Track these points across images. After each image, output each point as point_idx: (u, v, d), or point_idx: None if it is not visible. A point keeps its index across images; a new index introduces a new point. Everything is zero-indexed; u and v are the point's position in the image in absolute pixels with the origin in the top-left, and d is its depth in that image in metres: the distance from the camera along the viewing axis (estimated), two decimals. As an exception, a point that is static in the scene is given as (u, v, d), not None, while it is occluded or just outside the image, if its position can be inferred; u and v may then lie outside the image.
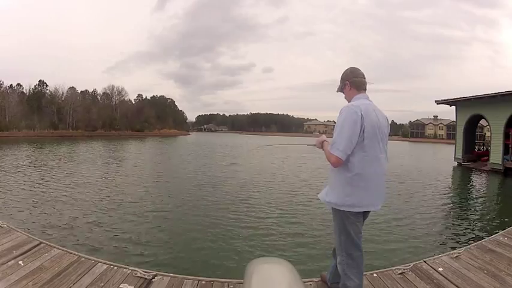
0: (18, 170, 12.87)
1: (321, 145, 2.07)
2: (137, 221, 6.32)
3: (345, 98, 2.12)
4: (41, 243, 2.89)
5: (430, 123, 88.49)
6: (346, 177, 1.92)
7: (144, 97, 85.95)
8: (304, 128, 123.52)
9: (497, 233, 3.64)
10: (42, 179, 10.92)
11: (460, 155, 19.71)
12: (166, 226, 6.11)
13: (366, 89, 2.06)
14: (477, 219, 7.31)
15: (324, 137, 2.11)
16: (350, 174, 1.90)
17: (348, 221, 1.95)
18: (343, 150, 1.85)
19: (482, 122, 21.61)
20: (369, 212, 2.04)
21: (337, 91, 2.17)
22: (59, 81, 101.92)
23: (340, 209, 1.95)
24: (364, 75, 2.07)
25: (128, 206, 7.49)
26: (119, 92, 72.78)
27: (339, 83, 2.15)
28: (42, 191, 8.82)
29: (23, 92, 59.67)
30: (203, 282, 2.45)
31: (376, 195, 1.97)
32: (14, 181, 10.30)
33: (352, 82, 2.04)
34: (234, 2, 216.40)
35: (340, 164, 1.89)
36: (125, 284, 2.32)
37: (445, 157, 24.24)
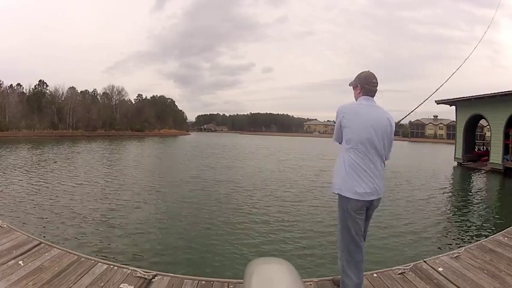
0: (18, 170, 12.88)
1: None
2: (137, 221, 6.32)
3: (354, 96, 2.27)
4: (41, 243, 2.89)
5: (430, 123, 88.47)
6: (338, 166, 2.12)
7: (144, 97, 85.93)
8: (304, 128, 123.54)
9: (497, 233, 3.64)
10: (42, 179, 10.91)
11: (460, 155, 19.70)
12: (167, 226, 6.10)
13: (373, 96, 2.18)
14: (477, 219, 7.31)
15: None
16: (340, 162, 2.11)
17: (350, 217, 2.04)
18: (334, 140, 2.23)
19: (482, 122, 21.61)
20: (371, 209, 2.13)
21: (350, 85, 2.30)
22: (59, 81, 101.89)
23: (336, 192, 2.09)
24: (376, 84, 2.18)
25: (128, 206, 7.49)
26: (119, 92, 72.87)
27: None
28: (42, 191, 8.82)
29: (23, 92, 59.67)
30: (203, 282, 2.45)
31: (368, 187, 2.03)
32: (13, 181, 10.30)
33: (363, 87, 2.17)
34: (233, 1, 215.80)
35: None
36: (125, 284, 2.32)
37: (445, 157, 24.25)
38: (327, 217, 6.73)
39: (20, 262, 2.49)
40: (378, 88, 2.19)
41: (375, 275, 2.55)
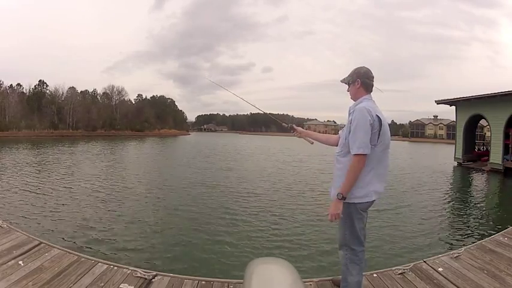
0: (18, 170, 12.87)
1: (341, 197, 1.97)
2: (137, 221, 6.32)
3: (350, 92, 2.17)
4: (41, 243, 2.89)
5: (430, 123, 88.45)
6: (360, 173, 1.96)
7: (144, 97, 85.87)
8: (304, 128, 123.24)
9: (497, 233, 3.64)
10: (42, 179, 10.91)
11: (460, 155, 19.69)
12: (167, 226, 6.10)
13: (371, 91, 2.13)
14: (477, 219, 7.31)
15: (334, 205, 2.01)
16: (364, 168, 1.95)
17: (358, 217, 2.02)
18: (366, 150, 1.92)
19: (482, 122, 21.60)
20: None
21: (343, 82, 2.20)
22: (59, 81, 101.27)
23: (352, 201, 1.99)
24: (373, 79, 2.13)
25: (127, 206, 7.49)
26: (119, 92, 72.81)
27: (340, 82, 2.22)
28: (42, 191, 8.82)
29: (23, 92, 59.61)
30: (203, 282, 2.45)
31: (382, 187, 2.07)
32: (13, 181, 10.29)
33: (364, 82, 2.10)
34: (233, 0, 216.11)
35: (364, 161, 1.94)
36: (125, 284, 2.32)
37: (445, 157, 24.23)
38: (326, 217, 6.72)
39: (20, 262, 2.49)
40: (379, 87, 2.16)
41: (374, 275, 2.54)
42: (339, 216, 1.99)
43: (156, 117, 78.30)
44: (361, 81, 2.09)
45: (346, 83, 2.19)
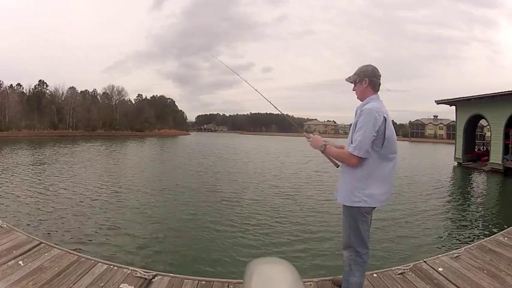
0: (18, 170, 12.87)
1: (323, 148, 2.05)
2: (137, 221, 6.32)
3: (356, 92, 2.11)
4: (41, 243, 2.89)
5: (430, 123, 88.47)
6: (363, 175, 1.95)
7: (144, 97, 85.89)
8: (304, 128, 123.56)
9: (497, 233, 3.64)
10: (42, 179, 10.91)
11: (460, 155, 19.70)
12: (167, 226, 6.10)
13: (378, 90, 2.08)
14: (477, 219, 7.31)
15: (320, 138, 2.11)
16: (368, 171, 1.94)
17: (363, 220, 2.01)
18: (364, 153, 1.90)
19: (482, 122, 21.61)
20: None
21: (348, 81, 2.13)
22: (59, 81, 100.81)
23: (356, 205, 1.97)
24: (380, 77, 2.07)
25: (127, 207, 7.49)
26: (119, 92, 72.74)
27: (346, 80, 2.16)
28: (43, 191, 8.82)
29: (23, 92, 59.60)
30: (203, 282, 2.45)
31: (389, 191, 2.05)
32: (14, 181, 10.29)
33: (372, 81, 2.03)
34: (232, 0, 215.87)
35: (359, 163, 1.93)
36: (125, 284, 2.32)
37: (445, 157, 24.24)
38: (326, 217, 6.73)
39: (20, 262, 2.49)
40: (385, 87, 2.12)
41: (375, 275, 2.55)
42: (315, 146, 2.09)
43: (156, 117, 78.25)
44: (369, 80, 2.02)
45: (351, 82, 2.11)
